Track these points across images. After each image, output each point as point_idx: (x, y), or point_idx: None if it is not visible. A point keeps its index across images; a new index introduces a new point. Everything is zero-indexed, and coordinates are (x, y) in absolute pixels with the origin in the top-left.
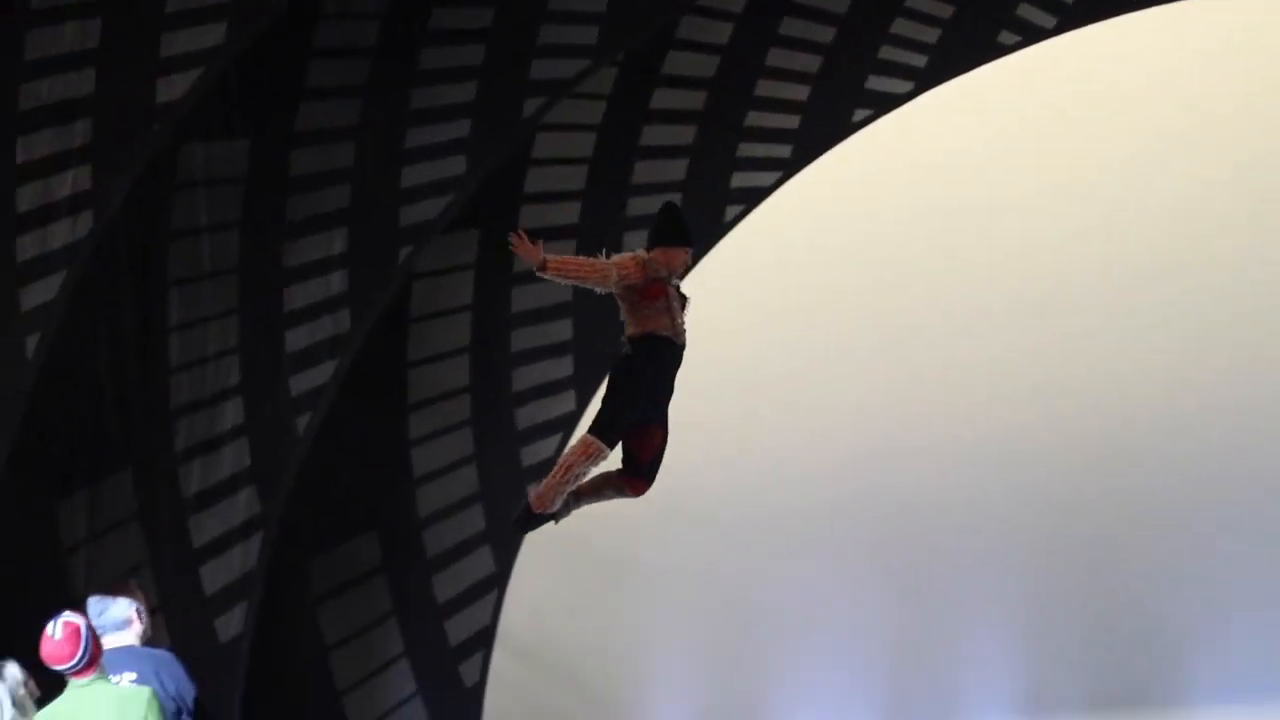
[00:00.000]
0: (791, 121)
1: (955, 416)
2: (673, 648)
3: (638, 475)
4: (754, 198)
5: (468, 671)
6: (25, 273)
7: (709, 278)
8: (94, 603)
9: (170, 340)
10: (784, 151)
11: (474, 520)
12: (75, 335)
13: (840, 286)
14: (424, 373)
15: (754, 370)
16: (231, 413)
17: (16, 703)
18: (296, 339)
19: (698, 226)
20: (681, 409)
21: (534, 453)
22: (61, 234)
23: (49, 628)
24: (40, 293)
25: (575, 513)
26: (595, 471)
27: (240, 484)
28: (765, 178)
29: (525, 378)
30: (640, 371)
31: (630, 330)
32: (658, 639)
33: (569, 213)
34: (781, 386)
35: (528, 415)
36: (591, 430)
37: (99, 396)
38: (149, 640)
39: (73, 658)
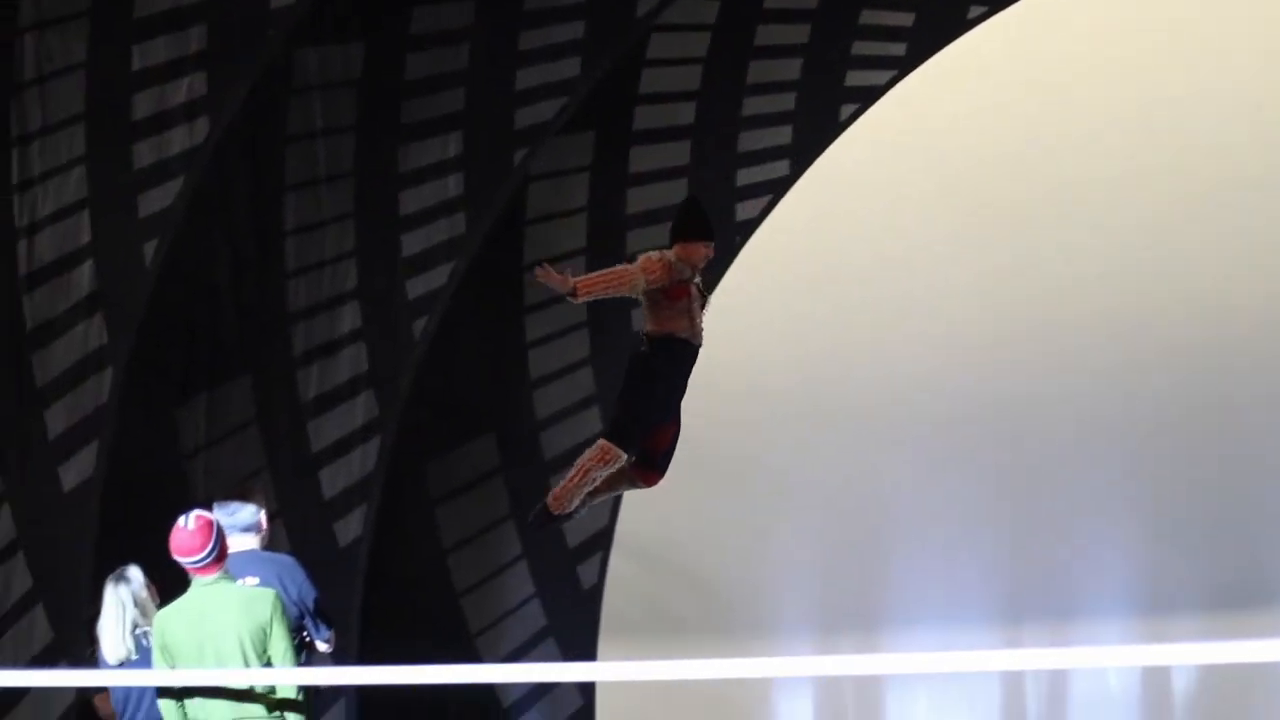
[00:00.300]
0: (906, 19)
1: (1076, 313)
2: (789, 548)
3: (651, 468)
4: (868, 96)
5: (586, 573)
6: (143, 180)
7: (823, 178)
8: (221, 505)
9: (287, 245)
10: (898, 49)
11: (591, 422)
12: (192, 241)
13: (956, 187)
14: None
15: (868, 273)
16: (349, 317)
17: (138, 604)
18: (413, 242)
19: (814, 126)
20: (799, 312)
21: None
22: (178, 140)
23: (181, 520)
24: (158, 199)
25: (693, 414)
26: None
27: (358, 388)
28: (879, 76)
29: None
30: (658, 372)
31: (649, 328)
32: (774, 539)
33: (684, 113)
34: (897, 287)
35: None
36: (609, 436)
37: (216, 302)
38: (268, 545)
39: (202, 550)
